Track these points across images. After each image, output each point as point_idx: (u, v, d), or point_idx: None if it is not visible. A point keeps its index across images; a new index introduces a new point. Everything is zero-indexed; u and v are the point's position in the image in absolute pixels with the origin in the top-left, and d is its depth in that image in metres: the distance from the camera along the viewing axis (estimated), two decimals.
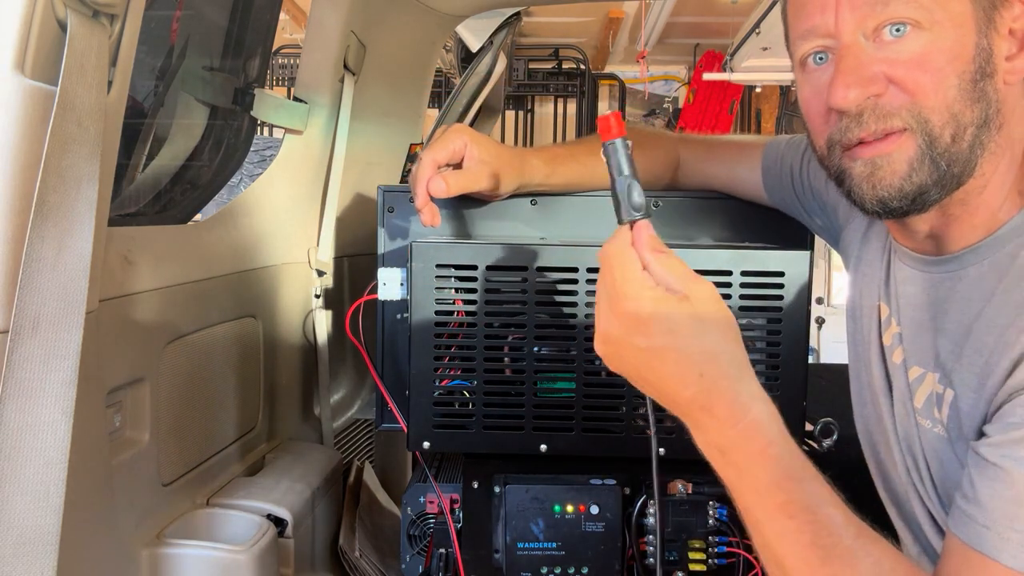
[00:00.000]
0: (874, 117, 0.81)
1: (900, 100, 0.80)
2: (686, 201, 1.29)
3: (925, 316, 0.90)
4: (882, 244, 1.00)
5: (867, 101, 0.81)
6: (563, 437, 1.14)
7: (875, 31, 0.80)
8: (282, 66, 5.91)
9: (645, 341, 0.75)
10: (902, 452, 0.95)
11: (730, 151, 1.28)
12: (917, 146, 0.81)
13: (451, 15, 1.83)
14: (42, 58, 0.77)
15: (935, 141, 0.80)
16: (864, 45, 0.81)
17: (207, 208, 1.62)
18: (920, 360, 0.91)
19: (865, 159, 0.84)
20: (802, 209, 1.20)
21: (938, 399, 0.87)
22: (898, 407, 0.95)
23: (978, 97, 0.80)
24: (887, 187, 0.83)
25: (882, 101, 0.81)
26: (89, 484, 0.97)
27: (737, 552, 1.16)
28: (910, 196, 0.83)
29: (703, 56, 7.02)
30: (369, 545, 1.53)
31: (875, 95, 0.81)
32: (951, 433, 0.85)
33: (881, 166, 0.83)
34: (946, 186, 0.82)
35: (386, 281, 1.23)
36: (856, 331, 1.05)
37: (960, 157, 0.81)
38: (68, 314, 0.77)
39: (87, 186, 0.80)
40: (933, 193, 0.82)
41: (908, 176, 0.82)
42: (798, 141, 1.20)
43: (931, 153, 0.81)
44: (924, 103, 0.80)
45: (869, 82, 0.81)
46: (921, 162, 0.81)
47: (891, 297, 0.97)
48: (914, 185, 0.82)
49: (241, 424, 1.44)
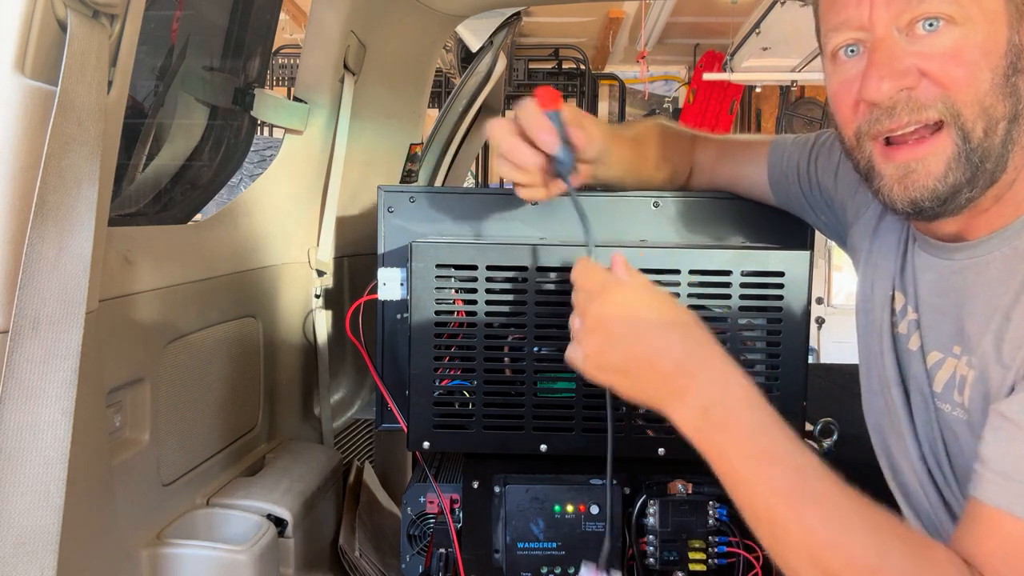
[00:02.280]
0: (907, 109, 0.82)
1: (933, 93, 0.81)
2: (686, 201, 1.29)
3: (946, 302, 0.91)
4: (897, 236, 1.01)
5: (900, 94, 0.82)
6: (563, 437, 1.14)
7: (908, 25, 0.81)
8: (282, 66, 5.90)
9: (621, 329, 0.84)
10: (917, 441, 0.96)
11: (737, 150, 1.28)
12: (953, 143, 0.81)
13: (451, 15, 1.83)
14: (42, 58, 0.77)
15: (968, 135, 0.81)
16: (897, 39, 0.82)
17: (207, 208, 1.62)
18: (939, 345, 0.92)
19: (899, 162, 0.84)
20: (808, 207, 1.20)
21: (960, 382, 0.87)
22: (914, 395, 0.96)
23: (1010, 92, 0.81)
24: (920, 188, 0.84)
25: (915, 94, 0.82)
26: (89, 484, 0.97)
27: (737, 552, 1.16)
28: (943, 197, 0.83)
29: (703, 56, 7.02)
30: (369, 545, 1.53)
31: (908, 88, 0.82)
32: (972, 415, 0.85)
33: (915, 169, 0.84)
34: (978, 184, 0.83)
35: (386, 281, 1.23)
36: (868, 324, 1.05)
37: (993, 152, 0.82)
38: (68, 314, 0.77)
39: (87, 186, 0.80)
40: (966, 191, 0.83)
41: (943, 176, 0.82)
42: (804, 139, 1.20)
43: (966, 149, 0.81)
44: (957, 96, 0.80)
45: (902, 75, 0.81)
46: (957, 161, 0.82)
47: (907, 285, 0.98)
48: (948, 185, 0.83)
49: (241, 424, 1.44)
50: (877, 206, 1.05)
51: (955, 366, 0.89)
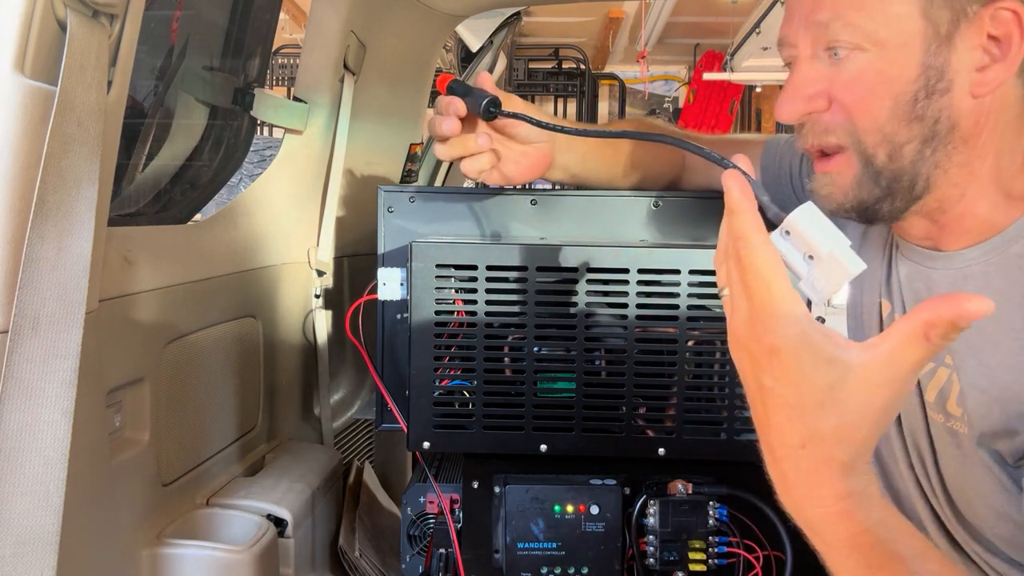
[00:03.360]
0: (812, 132, 0.86)
1: (839, 119, 0.84)
2: (686, 201, 1.29)
3: None
4: (883, 241, 1.01)
5: (808, 116, 0.86)
6: (563, 437, 1.14)
7: (826, 50, 0.84)
8: (282, 66, 5.91)
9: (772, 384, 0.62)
10: (906, 449, 0.95)
11: (732, 150, 1.28)
12: (855, 164, 0.85)
13: (451, 15, 1.82)
14: (42, 58, 0.77)
15: (870, 160, 0.84)
16: (814, 62, 0.85)
17: (207, 208, 1.62)
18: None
19: (819, 173, 0.89)
20: None
21: (959, 395, 0.87)
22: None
23: (918, 116, 0.81)
24: (832, 201, 0.88)
25: (823, 118, 0.85)
26: (89, 484, 0.97)
27: (737, 552, 1.16)
28: (854, 210, 0.87)
29: (703, 56, 7.03)
30: (369, 545, 1.53)
31: (817, 111, 0.85)
32: (974, 429, 0.85)
33: (827, 183, 0.88)
34: (899, 197, 0.85)
35: (386, 281, 1.23)
36: (857, 329, 1.05)
37: (904, 172, 0.84)
38: (68, 314, 0.77)
39: (87, 186, 0.80)
40: (886, 204, 0.86)
41: (848, 192, 0.86)
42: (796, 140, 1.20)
43: (869, 171, 0.84)
44: (858, 123, 0.83)
45: (809, 100, 0.85)
46: (860, 180, 0.85)
47: (893, 293, 0.97)
48: (856, 200, 0.86)
49: (241, 424, 1.44)
50: None
51: (948, 375, 0.88)
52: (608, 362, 1.13)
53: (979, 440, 0.83)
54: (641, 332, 1.11)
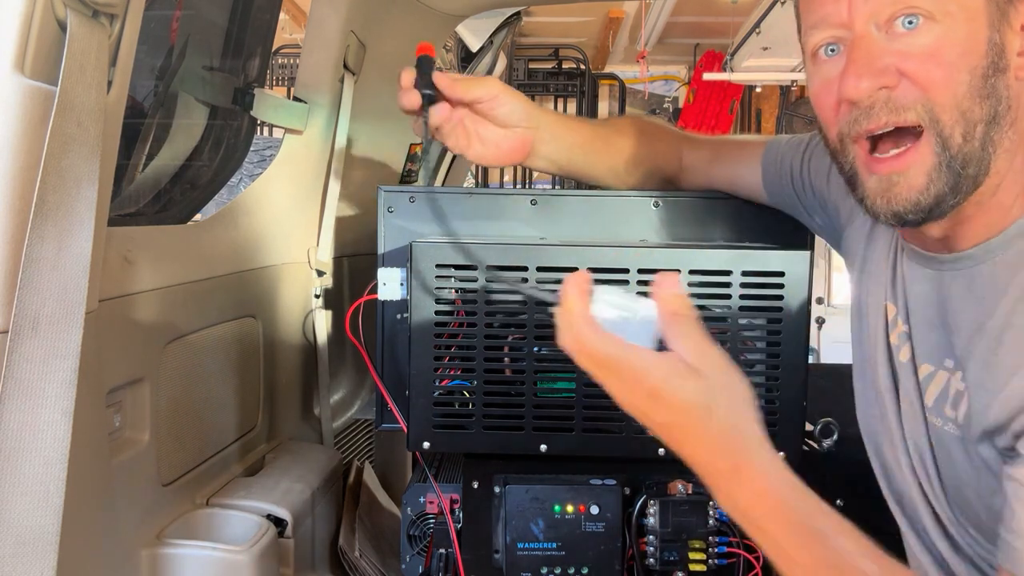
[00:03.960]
0: (886, 109, 0.80)
1: (913, 95, 0.80)
2: (686, 201, 1.29)
3: (935, 314, 0.90)
4: (888, 243, 1.00)
5: (879, 93, 0.80)
6: (563, 437, 1.14)
7: (888, 22, 0.80)
8: (282, 66, 5.90)
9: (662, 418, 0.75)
10: (907, 451, 0.95)
11: (732, 151, 1.28)
12: (933, 153, 0.80)
13: (451, 15, 1.82)
14: (42, 58, 0.77)
15: (947, 142, 0.80)
16: (876, 36, 0.80)
17: (207, 208, 1.62)
18: (930, 358, 0.91)
19: (881, 175, 0.83)
20: (802, 208, 1.20)
21: (955, 397, 0.86)
22: (905, 406, 0.95)
23: (988, 93, 0.79)
24: (903, 202, 0.82)
25: (895, 94, 0.80)
26: (89, 484, 0.97)
27: (737, 552, 1.16)
28: (927, 208, 0.82)
29: (703, 56, 7.02)
30: (369, 545, 1.53)
31: (887, 87, 0.80)
32: (965, 433, 0.85)
33: (897, 182, 0.82)
34: (962, 190, 0.81)
35: (386, 281, 1.23)
36: (861, 330, 1.04)
37: (973, 156, 0.80)
38: (68, 314, 0.77)
39: (87, 186, 0.80)
40: (949, 199, 0.81)
41: (926, 188, 0.81)
42: (798, 140, 1.20)
43: (946, 157, 0.80)
44: (935, 99, 0.79)
45: (881, 73, 0.80)
46: (938, 171, 0.80)
47: (898, 296, 0.97)
48: (931, 196, 0.81)
49: (241, 424, 1.44)
50: None
51: (947, 379, 0.88)
52: None
53: (979, 438, 0.83)
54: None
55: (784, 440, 1.13)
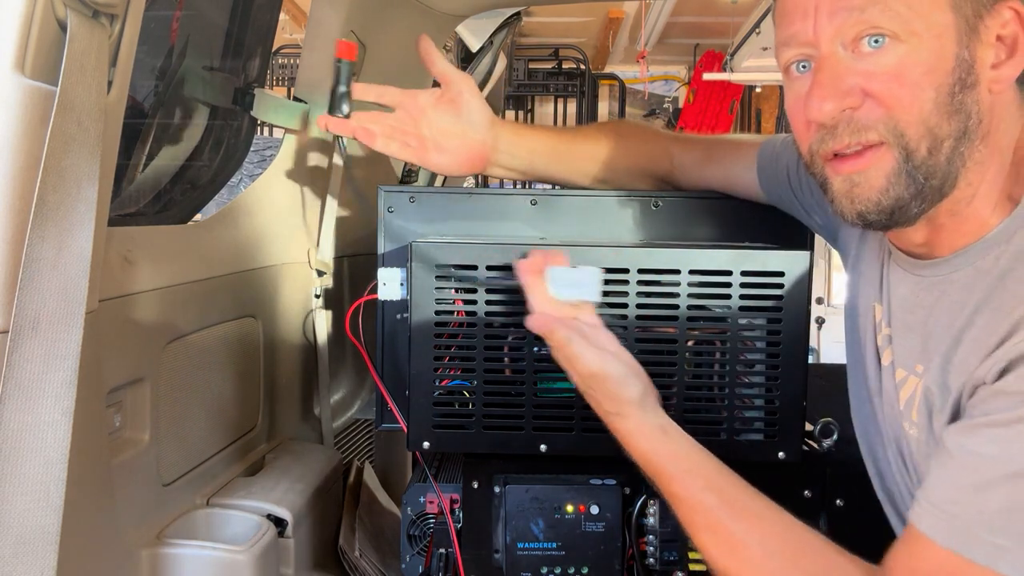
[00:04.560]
0: (848, 130, 0.82)
1: (876, 114, 0.81)
2: (686, 201, 1.29)
3: (913, 319, 0.91)
4: (879, 244, 1.01)
5: (842, 114, 0.82)
6: (563, 437, 1.14)
7: (853, 41, 0.80)
8: (282, 66, 5.91)
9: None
10: (893, 453, 0.96)
11: (727, 150, 1.28)
12: (894, 159, 0.81)
13: (451, 15, 1.83)
14: (42, 58, 0.77)
15: (911, 155, 0.80)
16: (842, 56, 0.81)
17: (207, 208, 1.62)
18: (904, 363, 0.92)
19: (844, 175, 0.84)
20: (800, 207, 1.20)
21: (920, 402, 0.87)
22: (887, 409, 0.96)
23: (956, 110, 0.80)
24: (865, 201, 0.84)
25: (858, 114, 0.81)
26: (89, 484, 0.97)
27: None
28: (888, 210, 0.83)
29: (703, 56, 7.03)
30: (369, 545, 1.53)
31: (851, 108, 0.81)
32: (928, 436, 0.86)
33: (859, 182, 0.83)
34: (927, 199, 0.82)
35: (386, 281, 1.23)
36: (853, 330, 1.05)
37: (938, 170, 0.81)
38: (68, 314, 0.77)
39: (87, 186, 0.80)
40: (913, 206, 0.82)
41: (885, 190, 0.82)
42: (793, 140, 1.20)
43: (908, 167, 0.81)
44: (900, 117, 0.80)
45: (844, 95, 0.81)
46: (898, 176, 0.81)
47: (884, 299, 0.97)
48: (891, 199, 0.82)
49: (241, 424, 1.44)
50: None
51: (915, 385, 0.89)
52: None
53: (925, 445, 0.85)
54: (641, 332, 1.11)
55: (784, 440, 1.13)
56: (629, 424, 0.98)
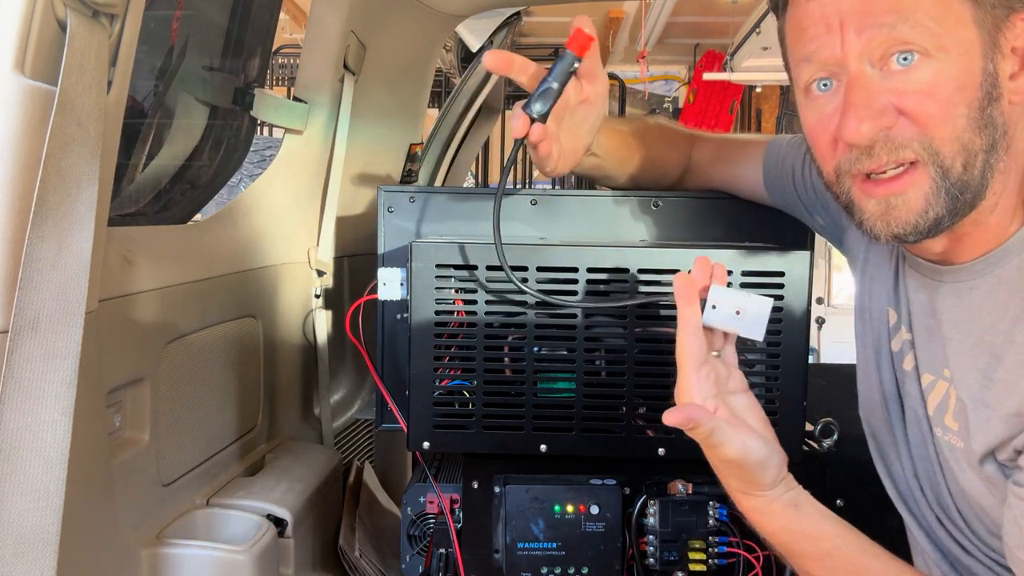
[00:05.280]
0: (885, 149, 0.80)
1: (911, 132, 0.79)
2: (686, 201, 1.29)
3: (935, 324, 0.90)
4: (890, 248, 1.00)
5: (878, 133, 0.80)
6: (563, 437, 1.14)
7: (882, 59, 0.79)
8: (282, 66, 5.90)
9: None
10: (911, 458, 0.95)
11: (734, 150, 1.28)
12: (931, 179, 0.80)
13: (451, 15, 1.82)
14: (42, 58, 0.77)
15: (948, 172, 0.79)
16: (871, 74, 0.79)
17: (207, 208, 1.62)
18: (931, 367, 0.91)
19: (879, 198, 0.82)
20: (804, 208, 1.20)
21: (956, 408, 0.86)
22: (909, 414, 0.95)
23: (986, 123, 0.79)
24: (903, 224, 0.82)
25: (893, 133, 0.79)
26: (89, 484, 0.97)
27: (737, 552, 1.16)
28: (925, 230, 0.82)
29: (703, 56, 7.02)
30: (369, 545, 1.53)
31: (886, 127, 0.79)
32: (966, 444, 0.85)
33: (896, 205, 0.82)
34: (958, 213, 0.81)
35: (386, 281, 1.23)
36: (864, 333, 1.04)
37: (972, 184, 0.80)
38: (68, 314, 0.77)
39: (87, 186, 0.80)
40: (946, 221, 0.81)
41: (924, 212, 0.81)
42: (799, 141, 1.19)
43: (945, 184, 0.79)
44: (935, 134, 0.78)
45: (880, 115, 0.79)
46: (936, 196, 0.80)
47: (900, 303, 0.97)
48: (930, 220, 0.81)
49: (241, 424, 1.44)
50: None
51: (946, 389, 0.88)
52: (608, 362, 1.13)
53: (982, 457, 0.83)
54: (641, 332, 1.11)
55: (784, 440, 1.13)
56: (757, 502, 0.91)
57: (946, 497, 0.91)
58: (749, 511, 0.92)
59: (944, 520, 0.92)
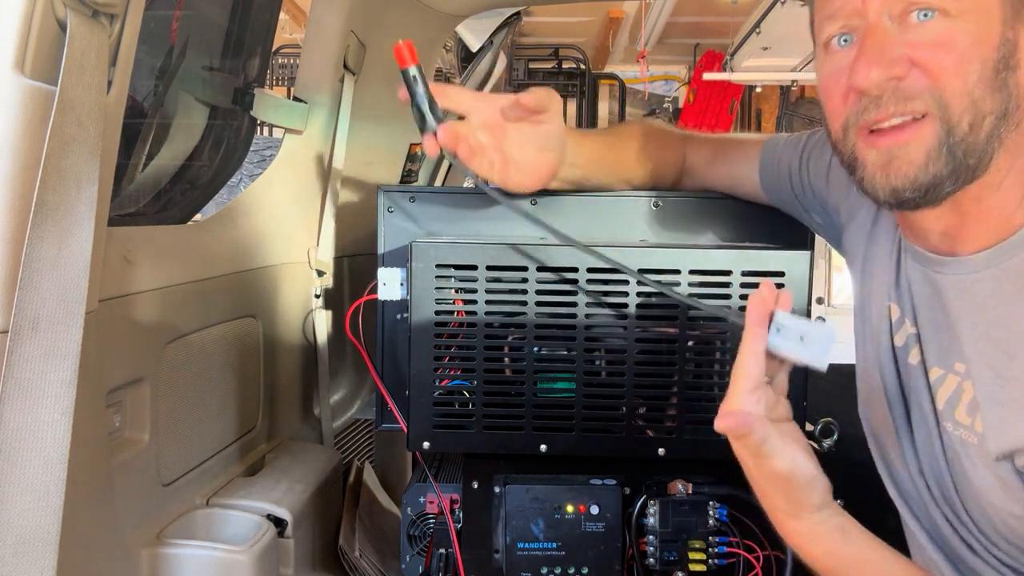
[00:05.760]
0: (894, 99, 0.81)
1: (922, 83, 0.80)
2: (686, 201, 1.29)
3: (942, 317, 0.90)
4: (890, 243, 1.00)
5: (888, 83, 0.81)
6: (563, 437, 1.14)
7: (901, 14, 0.80)
8: (282, 66, 5.91)
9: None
10: (916, 456, 0.94)
11: (731, 150, 1.28)
12: (936, 134, 0.80)
13: (451, 15, 1.83)
14: (42, 58, 0.77)
15: (953, 129, 0.80)
16: (889, 27, 0.81)
17: (207, 208, 1.62)
18: (940, 361, 0.90)
19: (881, 149, 0.83)
20: (801, 208, 1.20)
21: (969, 404, 0.86)
22: (915, 410, 0.94)
23: (1000, 86, 0.80)
24: (902, 177, 0.82)
25: (903, 84, 0.80)
26: (89, 484, 0.97)
27: (737, 552, 1.16)
28: (924, 187, 0.82)
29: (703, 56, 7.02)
30: (369, 545, 1.53)
31: (897, 78, 0.80)
32: (980, 440, 0.84)
33: (898, 156, 0.82)
34: (960, 177, 0.81)
35: (386, 281, 1.23)
36: (865, 332, 1.04)
37: (977, 147, 0.80)
38: (68, 314, 0.77)
39: (87, 186, 0.80)
40: (947, 184, 0.81)
41: (924, 166, 0.81)
42: (796, 139, 1.19)
43: (949, 141, 0.80)
44: (945, 86, 0.79)
45: (892, 63, 0.80)
46: (938, 151, 0.80)
47: (903, 298, 0.96)
48: (929, 176, 0.81)
49: (241, 424, 1.44)
50: (870, 209, 1.04)
51: (957, 383, 0.87)
52: (608, 362, 1.13)
53: (998, 456, 0.82)
54: (641, 332, 1.11)
55: None
56: (803, 526, 0.88)
57: (953, 494, 0.90)
58: (793, 534, 0.89)
59: (951, 518, 0.91)
